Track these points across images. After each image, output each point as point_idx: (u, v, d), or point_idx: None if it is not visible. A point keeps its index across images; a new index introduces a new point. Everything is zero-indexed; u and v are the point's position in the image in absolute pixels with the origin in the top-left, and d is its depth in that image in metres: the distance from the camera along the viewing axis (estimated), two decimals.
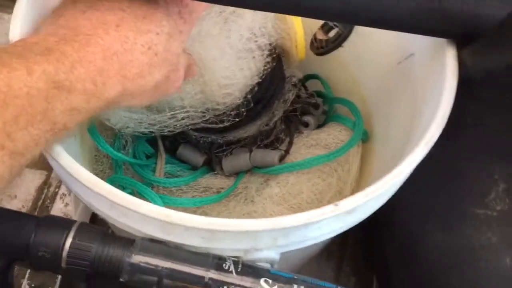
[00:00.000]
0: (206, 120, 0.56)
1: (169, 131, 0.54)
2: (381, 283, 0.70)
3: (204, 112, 0.55)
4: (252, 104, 0.55)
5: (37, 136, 0.31)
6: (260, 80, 0.54)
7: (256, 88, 0.54)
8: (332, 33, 0.56)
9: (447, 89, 0.43)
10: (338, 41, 0.54)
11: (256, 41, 0.52)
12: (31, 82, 0.30)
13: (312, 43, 0.59)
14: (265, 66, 0.54)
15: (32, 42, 0.33)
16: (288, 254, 0.43)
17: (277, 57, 0.57)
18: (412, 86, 0.53)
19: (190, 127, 0.56)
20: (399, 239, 0.57)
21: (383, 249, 0.62)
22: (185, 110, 0.54)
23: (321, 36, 0.56)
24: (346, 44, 0.57)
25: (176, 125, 0.54)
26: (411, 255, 0.55)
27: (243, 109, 0.55)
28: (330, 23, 0.55)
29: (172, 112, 0.53)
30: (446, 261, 0.50)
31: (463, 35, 0.42)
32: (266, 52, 0.54)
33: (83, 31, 0.35)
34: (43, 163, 0.87)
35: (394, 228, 0.58)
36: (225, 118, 0.56)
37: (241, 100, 0.54)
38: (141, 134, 0.55)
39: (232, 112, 0.55)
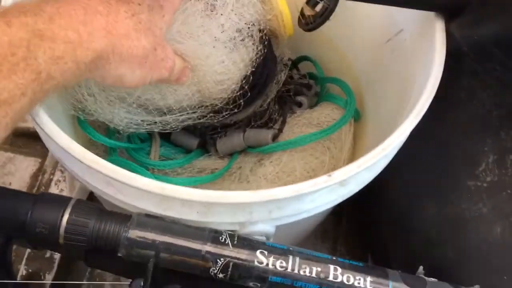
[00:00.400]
0: (205, 115, 0.56)
1: (171, 128, 0.55)
2: (376, 260, 0.71)
3: (202, 109, 0.55)
4: (248, 93, 0.56)
5: (22, 85, 0.31)
6: (254, 69, 0.55)
7: (251, 77, 0.55)
8: (318, 7, 0.56)
9: (437, 61, 0.43)
10: (325, 15, 0.54)
11: (244, 30, 0.52)
12: (11, 32, 0.30)
13: (299, 20, 0.59)
14: (257, 54, 0.54)
15: (15, 4, 0.34)
16: (283, 228, 0.43)
17: (267, 39, 0.58)
18: (403, 62, 0.53)
19: (190, 123, 0.56)
20: (393, 214, 0.58)
21: (378, 226, 0.63)
22: (184, 112, 0.54)
23: (308, 11, 0.57)
24: (336, 23, 0.57)
25: (176, 124, 0.55)
26: (405, 230, 0.56)
27: (240, 100, 0.55)
28: None
29: (172, 116, 0.54)
30: (440, 234, 0.51)
31: (450, 8, 0.43)
32: (257, 40, 0.54)
33: None
34: (37, 151, 0.88)
35: (388, 204, 0.58)
36: (223, 110, 0.56)
37: (237, 91, 0.54)
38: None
39: (229, 104, 0.55)
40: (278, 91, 0.63)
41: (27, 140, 0.87)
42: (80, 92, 0.49)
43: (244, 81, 0.54)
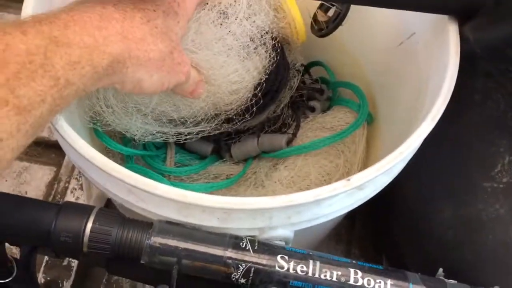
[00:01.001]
0: (219, 127, 0.57)
1: (185, 139, 0.56)
2: (391, 263, 0.71)
3: (216, 119, 0.55)
4: (261, 100, 0.56)
5: (41, 91, 0.31)
6: (267, 76, 0.55)
7: (264, 84, 0.55)
8: (331, 12, 0.57)
9: (451, 63, 0.44)
10: (338, 20, 0.55)
11: (257, 38, 0.52)
12: (28, 40, 0.31)
13: (312, 26, 0.60)
14: (270, 61, 0.54)
15: (31, 16, 0.34)
16: (301, 232, 0.44)
17: (280, 46, 0.58)
18: (416, 66, 0.54)
19: (205, 134, 0.57)
20: (409, 217, 0.58)
21: (393, 229, 0.63)
22: (199, 124, 0.55)
23: (321, 17, 0.57)
24: (348, 28, 0.58)
25: (191, 136, 0.55)
26: (421, 232, 0.56)
27: (253, 107, 0.55)
28: (327, 4, 0.56)
29: (187, 129, 0.54)
30: (457, 236, 0.51)
31: (463, 11, 0.43)
32: (270, 47, 0.54)
33: (81, 8, 0.36)
34: (52, 159, 0.89)
35: (403, 207, 0.59)
36: (236, 118, 0.56)
37: (250, 99, 0.55)
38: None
39: (242, 112, 0.56)
40: (291, 97, 0.63)
41: (42, 149, 0.88)
42: (99, 104, 0.50)
43: (258, 90, 0.54)
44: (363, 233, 0.83)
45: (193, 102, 0.51)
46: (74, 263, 0.76)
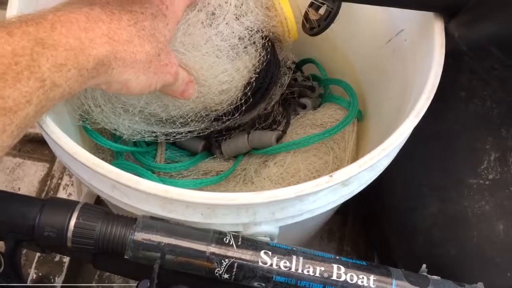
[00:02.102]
0: (208, 127, 0.57)
1: (174, 138, 0.56)
2: (382, 259, 0.72)
3: (206, 119, 0.56)
4: (251, 99, 0.56)
5: (26, 93, 0.31)
6: (257, 75, 0.55)
7: (254, 83, 0.55)
8: (322, 10, 0.57)
9: (436, 61, 0.44)
10: (329, 19, 0.55)
11: (246, 37, 0.52)
12: (14, 42, 0.31)
13: (303, 25, 0.60)
14: (260, 60, 0.54)
15: (17, 16, 0.34)
16: (287, 229, 0.44)
17: (270, 43, 0.58)
18: (403, 62, 0.54)
19: (194, 134, 0.57)
20: (396, 213, 0.58)
21: (382, 225, 0.64)
22: (188, 124, 0.55)
23: (313, 16, 0.57)
24: (338, 25, 0.58)
25: (179, 136, 0.56)
26: (409, 228, 0.56)
27: (242, 106, 0.55)
28: (318, 2, 0.56)
29: (176, 129, 0.55)
30: (443, 232, 0.52)
31: (447, 8, 0.44)
32: (260, 46, 0.54)
33: (68, 8, 0.36)
34: (45, 156, 0.90)
35: (391, 203, 0.59)
36: (225, 116, 0.56)
37: (240, 97, 0.55)
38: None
39: (232, 110, 0.56)
40: (282, 94, 0.63)
41: (36, 145, 0.88)
42: (87, 103, 0.50)
43: (248, 88, 0.54)
44: (355, 230, 0.83)
45: (183, 102, 0.52)
46: (66, 259, 0.77)
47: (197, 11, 0.49)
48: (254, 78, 0.54)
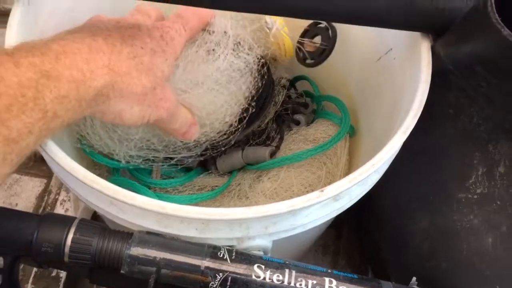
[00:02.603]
0: (204, 153, 0.58)
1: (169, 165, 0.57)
2: (376, 272, 0.72)
3: (201, 146, 0.57)
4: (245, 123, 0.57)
5: (29, 124, 0.32)
6: (254, 100, 0.56)
7: (250, 109, 0.56)
8: (317, 39, 0.59)
9: (422, 79, 0.45)
10: (324, 56, 0.58)
11: (244, 69, 0.54)
12: (20, 73, 0.32)
13: (297, 53, 0.62)
14: (256, 85, 0.55)
15: (21, 44, 0.35)
16: (280, 243, 0.45)
17: (266, 65, 0.59)
18: (392, 80, 0.55)
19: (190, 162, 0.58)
20: (388, 227, 0.59)
21: (375, 239, 0.65)
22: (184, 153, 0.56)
23: (309, 47, 0.60)
24: None
25: (175, 162, 0.57)
26: (400, 242, 0.57)
27: (238, 129, 0.57)
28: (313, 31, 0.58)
29: (173, 155, 0.56)
30: (433, 246, 0.53)
31: (433, 28, 0.45)
32: (256, 73, 0.55)
33: (71, 38, 0.38)
34: (42, 171, 0.90)
35: (382, 217, 0.60)
36: (220, 142, 0.57)
37: (237, 123, 0.56)
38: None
39: (227, 135, 0.57)
40: (276, 111, 0.65)
41: (33, 161, 0.89)
42: (86, 131, 0.51)
43: (244, 114, 0.56)
44: (349, 243, 0.84)
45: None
46: (63, 274, 0.77)
47: (197, 46, 0.51)
48: (251, 102, 0.56)
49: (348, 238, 0.84)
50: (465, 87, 0.48)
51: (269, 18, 0.58)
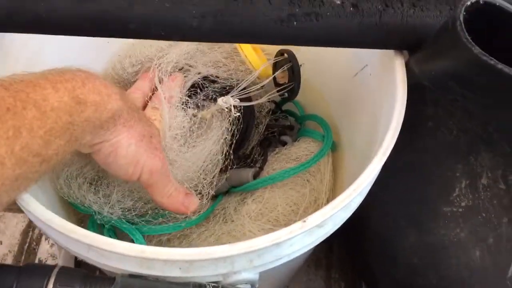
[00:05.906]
0: None
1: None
2: (369, 286, 0.72)
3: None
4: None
5: (58, 146, 0.34)
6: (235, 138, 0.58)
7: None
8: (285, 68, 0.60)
9: (399, 98, 0.45)
10: (294, 93, 0.61)
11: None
12: (59, 98, 0.34)
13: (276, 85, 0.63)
14: (236, 124, 0.58)
15: (52, 69, 0.37)
16: (267, 273, 0.44)
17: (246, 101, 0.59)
18: (370, 96, 0.55)
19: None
20: (377, 243, 0.59)
21: (365, 255, 0.64)
22: None
23: (280, 79, 0.62)
24: (309, 62, 0.61)
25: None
26: (389, 258, 0.57)
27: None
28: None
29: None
30: (422, 261, 0.52)
31: (407, 45, 0.45)
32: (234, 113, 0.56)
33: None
34: None
35: (372, 234, 0.59)
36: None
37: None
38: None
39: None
40: (261, 135, 0.65)
41: None
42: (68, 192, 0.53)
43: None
44: (342, 257, 0.83)
45: None
46: None
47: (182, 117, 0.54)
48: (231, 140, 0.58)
49: (340, 250, 0.84)
50: (442, 101, 0.48)
51: None
